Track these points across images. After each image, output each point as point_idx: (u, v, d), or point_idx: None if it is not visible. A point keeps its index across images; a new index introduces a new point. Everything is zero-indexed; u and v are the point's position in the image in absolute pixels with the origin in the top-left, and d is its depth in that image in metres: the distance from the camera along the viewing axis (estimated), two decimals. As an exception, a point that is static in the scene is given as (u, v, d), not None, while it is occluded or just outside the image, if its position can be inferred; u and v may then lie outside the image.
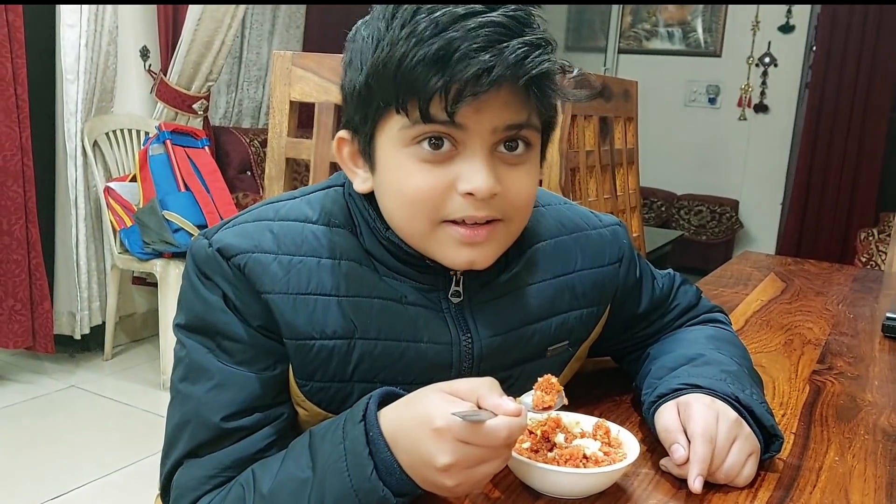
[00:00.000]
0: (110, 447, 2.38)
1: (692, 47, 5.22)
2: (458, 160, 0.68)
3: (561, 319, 0.83)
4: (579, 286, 0.85)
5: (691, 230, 5.08)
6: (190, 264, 0.74)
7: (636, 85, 1.74)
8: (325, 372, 0.73)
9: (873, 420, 0.95)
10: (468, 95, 0.64)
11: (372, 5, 0.70)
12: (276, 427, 0.73)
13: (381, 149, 0.71)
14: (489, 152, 0.68)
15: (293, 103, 1.30)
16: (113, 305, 3.04)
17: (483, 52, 0.63)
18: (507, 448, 0.62)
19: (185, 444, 0.71)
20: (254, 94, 4.01)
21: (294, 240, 0.73)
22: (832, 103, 4.69)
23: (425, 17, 0.64)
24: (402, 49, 0.64)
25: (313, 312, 0.71)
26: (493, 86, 0.64)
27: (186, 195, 2.92)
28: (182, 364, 0.73)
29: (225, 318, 0.71)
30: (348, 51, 0.72)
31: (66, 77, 2.83)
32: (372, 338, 0.73)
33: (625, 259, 0.89)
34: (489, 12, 0.64)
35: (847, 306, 1.53)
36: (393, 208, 0.72)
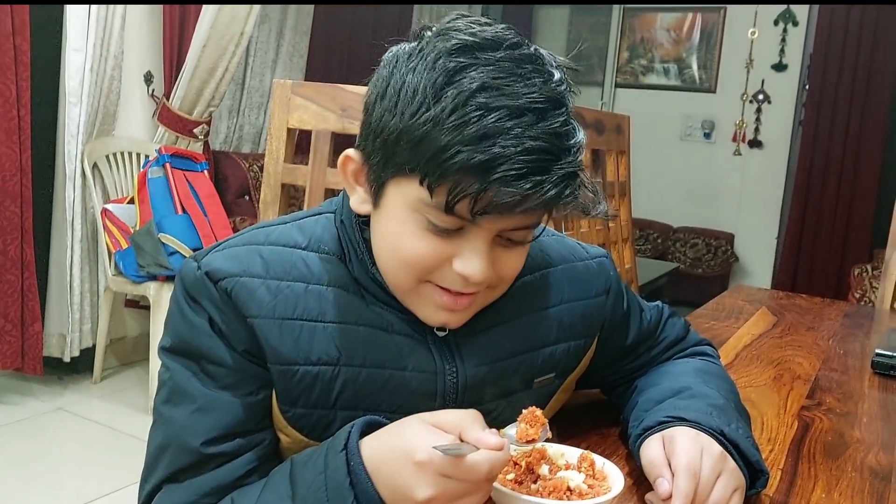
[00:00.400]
0: (96, 471, 2.35)
1: (687, 83, 5.29)
2: (461, 239, 0.68)
3: (548, 352, 0.84)
4: (566, 318, 0.85)
5: (687, 263, 5.09)
6: (178, 287, 0.74)
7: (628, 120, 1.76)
8: (308, 398, 0.72)
9: (861, 457, 0.94)
10: (496, 213, 0.65)
11: (423, 31, 0.69)
12: (258, 453, 0.72)
13: (391, 196, 0.70)
14: (492, 241, 0.69)
15: (291, 130, 1.31)
16: (104, 328, 3.02)
17: (521, 181, 0.63)
18: (489, 482, 0.61)
19: (165, 469, 0.71)
20: (255, 120, 4.04)
21: (283, 265, 0.73)
22: (826, 140, 4.74)
23: (476, 114, 0.62)
24: (444, 139, 0.63)
25: (299, 338, 0.71)
26: (523, 213, 0.65)
27: (183, 218, 2.92)
28: (165, 387, 0.73)
29: (210, 342, 0.71)
30: (384, 77, 0.69)
31: (70, 100, 2.85)
32: (357, 365, 0.73)
33: (612, 291, 0.89)
34: (536, 124, 0.63)
35: (838, 342, 1.53)
36: (383, 256, 0.73)
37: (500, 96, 0.63)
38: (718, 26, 5.14)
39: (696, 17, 5.22)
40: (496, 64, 0.64)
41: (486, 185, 0.63)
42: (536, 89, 0.64)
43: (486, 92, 0.63)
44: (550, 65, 0.68)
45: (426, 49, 0.67)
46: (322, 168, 1.30)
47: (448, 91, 0.63)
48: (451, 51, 0.65)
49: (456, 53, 0.65)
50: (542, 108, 0.64)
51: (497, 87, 0.63)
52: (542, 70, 0.66)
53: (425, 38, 0.68)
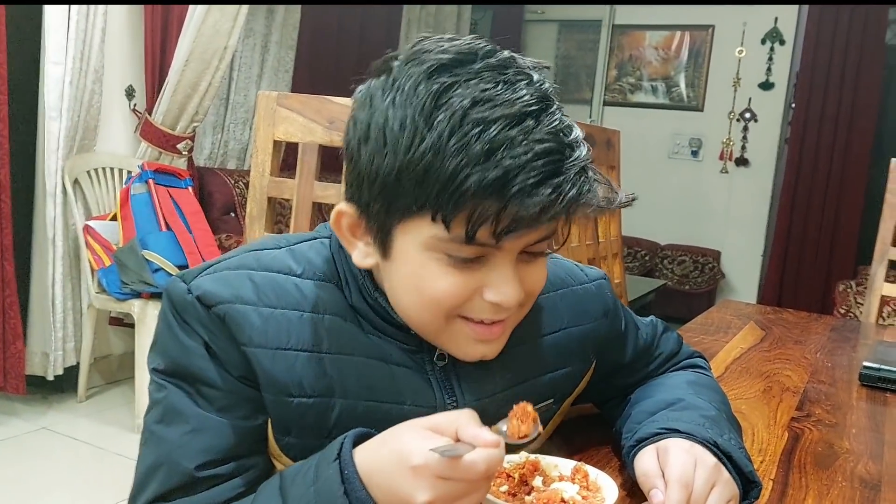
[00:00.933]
0: (82, 491, 2.31)
1: (675, 101, 5.34)
2: (486, 267, 0.66)
3: (548, 379, 0.83)
4: (565, 344, 0.84)
5: (674, 280, 5.11)
6: (167, 307, 0.71)
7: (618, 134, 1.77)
8: (302, 428, 0.70)
9: (851, 467, 0.94)
10: (522, 228, 0.62)
11: (389, 61, 0.66)
12: (249, 478, 0.70)
13: (401, 241, 0.66)
14: (517, 260, 0.67)
15: (277, 143, 1.30)
16: (88, 346, 2.98)
17: (541, 188, 0.60)
18: (487, 480, 0.61)
19: (155, 489, 0.69)
20: (240, 136, 4.03)
21: (276, 291, 0.71)
22: (811, 158, 4.79)
23: (476, 130, 0.60)
24: (450, 165, 0.60)
25: (293, 368, 0.69)
26: (548, 222, 0.64)
27: (168, 235, 2.90)
28: (159, 406, 0.71)
29: (205, 365, 0.69)
30: (362, 119, 0.66)
31: (49, 114, 2.81)
32: (353, 398, 0.72)
33: (610, 313, 0.89)
34: (536, 127, 0.62)
35: (825, 355, 1.53)
36: (406, 303, 0.70)
37: (495, 107, 0.61)
38: (706, 45, 5.19)
39: (684, 36, 5.27)
40: (479, 76, 0.62)
41: (506, 202, 0.60)
42: (526, 92, 0.63)
43: (480, 106, 0.61)
44: (526, 67, 0.67)
45: (400, 79, 0.64)
46: (309, 181, 1.29)
47: (439, 115, 0.61)
48: (430, 73, 0.63)
49: (435, 74, 0.62)
50: (537, 109, 0.63)
51: (488, 98, 0.61)
52: (523, 73, 0.65)
53: (394, 68, 0.65)
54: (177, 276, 0.72)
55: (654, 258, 5.26)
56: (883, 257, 2.08)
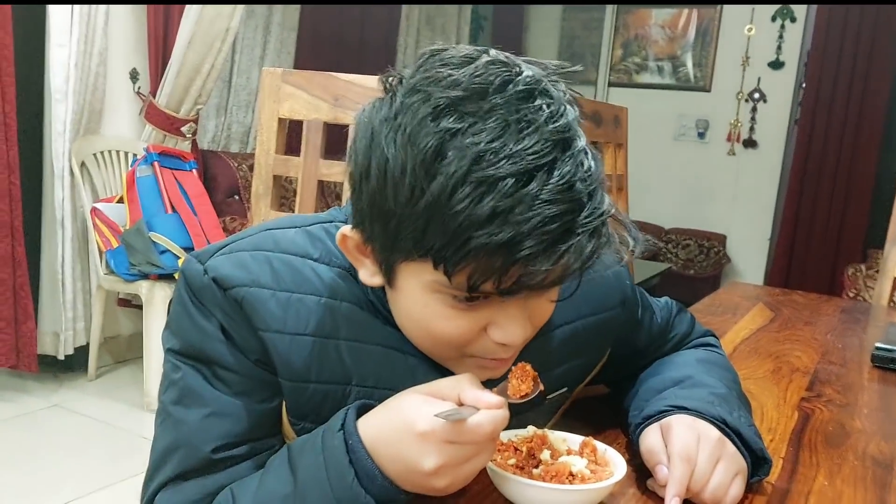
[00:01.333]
0: (93, 467, 2.34)
1: (682, 82, 5.28)
2: (492, 306, 0.63)
3: (563, 369, 0.82)
4: (582, 334, 0.83)
5: (679, 264, 5.09)
6: (183, 287, 0.70)
7: (626, 112, 1.75)
8: (318, 414, 0.70)
9: (862, 446, 0.93)
10: (525, 290, 0.60)
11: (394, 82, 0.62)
12: (265, 459, 0.70)
13: (405, 278, 0.64)
14: (524, 299, 0.64)
15: (282, 120, 1.29)
16: (98, 326, 3.00)
17: (549, 253, 0.57)
18: (493, 442, 0.61)
19: (173, 469, 0.69)
20: (243, 119, 4.01)
21: (294, 276, 0.70)
22: (821, 140, 4.73)
23: (478, 191, 0.55)
24: (450, 224, 0.56)
25: (310, 354, 0.69)
26: (553, 286, 0.61)
27: (173, 217, 2.91)
28: (176, 387, 0.70)
29: (221, 349, 0.69)
30: (362, 152, 0.62)
31: (55, 97, 2.82)
32: (369, 385, 0.71)
33: (627, 301, 0.87)
34: (548, 182, 0.56)
35: (836, 336, 1.52)
36: (412, 333, 0.69)
37: (502, 162, 0.55)
38: (714, 23, 5.12)
39: (691, 14, 5.20)
40: (488, 119, 0.57)
41: (511, 264, 0.57)
42: (540, 137, 0.57)
43: (485, 161, 0.55)
44: (547, 86, 0.60)
45: (403, 115, 0.59)
46: (314, 159, 1.28)
47: (440, 168, 0.56)
48: (435, 115, 0.57)
49: (438, 117, 0.57)
50: (551, 159, 0.57)
51: (495, 150, 0.56)
52: (541, 103, 0.58)
53: (398, 95, 0.61)
54: (192, 256, 0.71)
55: (659, 242, 5.24)
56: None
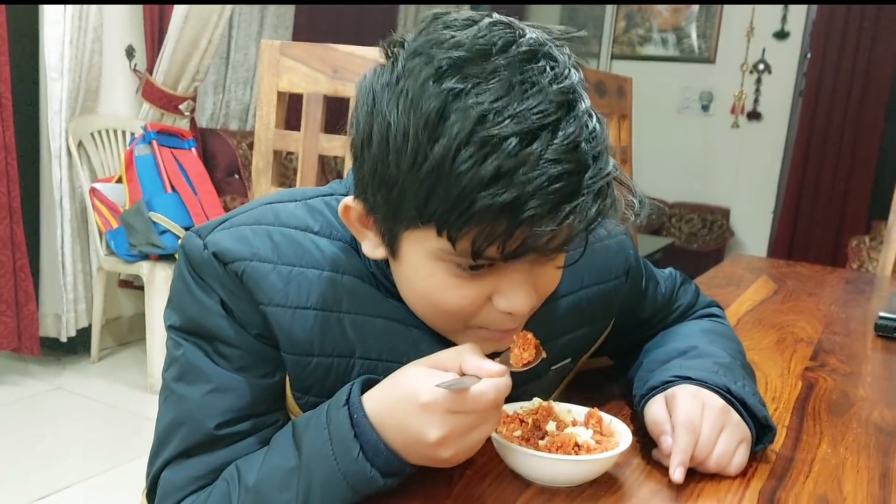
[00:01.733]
0: (96, 449, 2.34)
1: (686, 53, 5.23)
2: (497, 274, 0.62)
3: (567, 339, 0.81)
4: (586, 304, 0.82)
5: (682, 238, 5.08)
6: (183, 263, 0.70)
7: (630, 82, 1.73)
8: (322, 388, 0.70)
9: (866, 414, 0.93)
10: (531, 253, 0.59)
11: (395, 47, 0.61)
12: (269, 434, 0.70)
13: (408, 247, 0.63)
14: (529, 267, 0.63)
15: (281, 94, 1.28)
16: (99, 308, 3.00)
17: (555, 213, 0.56)
18: (497, 410, 0.60)
19: (177, 446, 0.69)
20: (241, 96, 3.98)
21: (295, 250, 0.69)
22: (826, 111, 4.69)
23: (483, 151, 0.54)
24: (454, 187, 0.55)
25: (312, 328, 0.68)
26: (558, 250, 0.60)
27: (173, 197, 2.89)
28: (177, 364, 0.70)
29: (222, 324, 0.68)
30: (364, 119, 0.61)
31: (50, 75, 2.79)
32: (373, 358, 0.71)
33: (631, 271, 0.86)
34: (552, 142, 0.55)
35: (839, 307, 1.51)
36: (416, 304, 0.68)
37: (506, 121, 0.55)
38: (719, -8, 5.05)
39: (696, -17, 5.13)
40: (493, 76, 0.56)
41: (516, 226, 0.56)
42: (544, 98, 0.56)
43: (488, 122, 0.55)
44: (551, 48, 0.59)
45: (405, 79, 0.58)
46: (315, 133, 1.27)
47: (443, 130, 0.55)
48: (438, 76, 0.56)
49: (443, 77, 0.56)
50: (555, 119, 0.56)
51: (499, 110, 0.55)
52: (545, 65, 0.57)
53: (400, 59, 0.59)
54: (192, 231, 0.70)
55: (662, 216, 5.21)
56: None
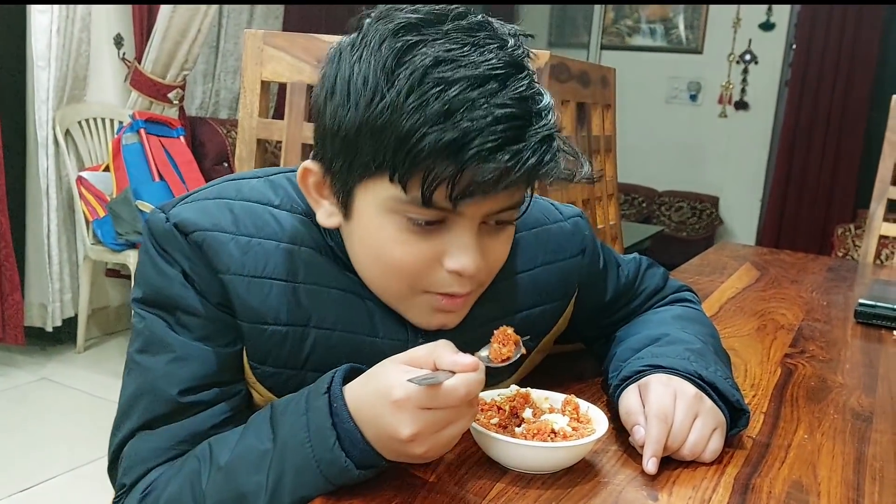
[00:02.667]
0: (82, 439, 2.34)
1: (674, 44, 5.24)
2: (446, 234, 0.65)
3: (523, 316, 0.82)
4: (542, 282, 0.83)
5: (672, 226, 5.10)
6: (147, 237, 0.72)
7: (614, 72, 1.73)
8: (277, 357, 0.71)
9: (843, 400, 0.94)
10: (479, 194, 0.61)
11: (362, 18, 0.66)
12: (233, 404, 0.71)
13: (362, 202, 0.66)
14: (478, 229, 0.66)
15: (265, 83, 1.27)
16: (85, 297, 2.99)
17: (499, 153, 0.59)
18: (471, 406, 0.61)
19: (140, 417, 0.70)
20: (231, 85, 3.96)
21: (254, 221, 0.71)
22: (812, 101, 4.72)
23: (435, 90, 0.59)
24: (407, 123, 0.59)
25: (268, 297, 0.70)
26: (506, 189, 0.62)
27: (161, 185, 2.88)
28: (141, 336, 0.71)
29: (184, 293, 0.69)
30: (330, 75, 0.66)
31: (38, 63, 2.78)
32: (327, 327, 0.72)
33: (587, 251, 0.87)
34: (500, 91, 0.60)
35: (821, 294, 1.53)
36: (366, 267, 0.70)
37: (458, 67, 0.60)
38: (706, -17, 5.07)
39: (684, -24, 5.14)
40: (446, 36, 0.62)
41: (462, 164, 0.59)
42: (494, 56, 0.61)
43: (442, 65, 0.60)
44: (502, 32, 0.65)
45: (369, 35, 0.63)
46: (298, 122, 1.27)
47: (401, 72, 0.60)
48: (396, 31, 0.62)
49: (402, 32, 0.62)
50: (503, 73, 0.61)
51: (452, 58, 0.60)
52: (495, 36, 0.64)
53: (365, 24, 0.65)
54: (156, 208, 0.72)
55: (652, 205, 5.24)
56: (882, 196, 2.07)
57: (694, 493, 0.67)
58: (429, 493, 0.64)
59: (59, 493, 2.08)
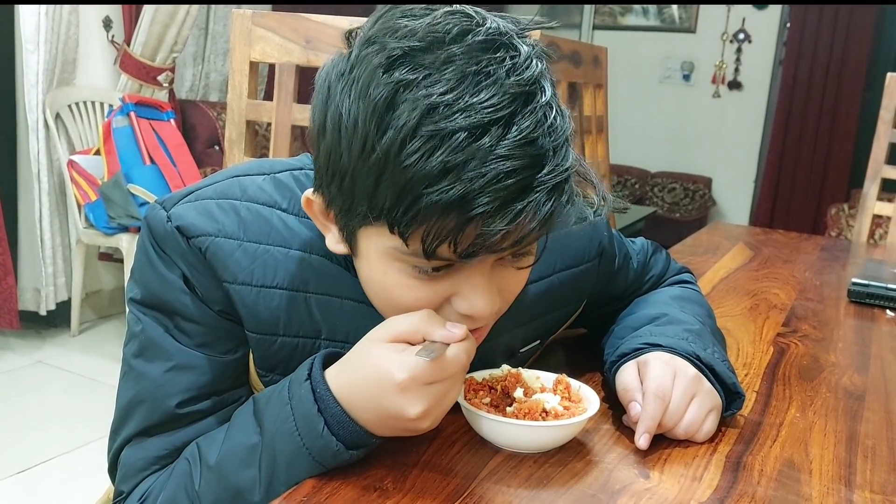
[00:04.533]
0: (77, 422, 2.35)
1: (667, 23, 5.21)
2: (456, 276, 0.60)
3: (537, 324, 0.81)
4: (558, 288, 0.81)
5: (665, 208, 5.10)
6: (146, 235, 0.68)
7: (606, 51, 1.72)
8: (287, 367, 0.68)
9: (835, 379, 0.94)
10: (484, 253, 0.56)
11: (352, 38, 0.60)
12: (231, 412, 0.69)
13: (365, 244, 0.61)
14: (491, 269, 0.61)
15: (253, 64, 1.26)
16: (79, 281, 2.98)
17: (505, 211, 0.53)
18: (464, 371, 0.61)
19: (137, 424, 0.69)
20: (221, 68, 3.93)
21: (262, 227, 0.67)
22: (806, 80, 4.71)
23: (428, 146, 0.52)
24: (400, 180, 0.53)
25: (277, 307, 0.67)
26: (516, 246, 0.57)
27: (152, 168, 2.87)
28: (137, 339, 0.69)
29: (184, 299, 0.67)
30: (320, 108, 0.60)
31: (26, 47, 2.75)
32: (340, 340, 0.69)
33: (605, 254, 0.85)
34: (504, 137, 0.53)
35: (814, 273, 1.53)
36: (377, 302, 0.65)
37: (455, 115, 0.52)
38: (699, -39, 5.03)
39: (675, -47, 5.10)
40: (444, 69, 0.53)
41: (465, 223, 0.54)
42: (498, 90, 0.53)
43: (437, 114, 0.52)
44: (512, 38, 0.56)
45: (358, 67, 0.56)
46: (287, 103, 1.26)
47: (391, 120, 0.53)
48: (388, 65, 0.54)
49: (393, 66, 0.54)
50: (508, 113, 0.53)
51: (448, 103, 0.52)
52: (504, 55, 0.55)
53: (354, 48, 0.58)
54: (156, 202, 0.69)
55: (645, 186, 5.23)
56: (876, 176, 2.06)
57: (686, 472, 0.68)
58: (420, 473, 0.64)
59: (56, 474, 2.08)
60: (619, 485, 0.65)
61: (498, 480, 0.64)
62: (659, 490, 0.64)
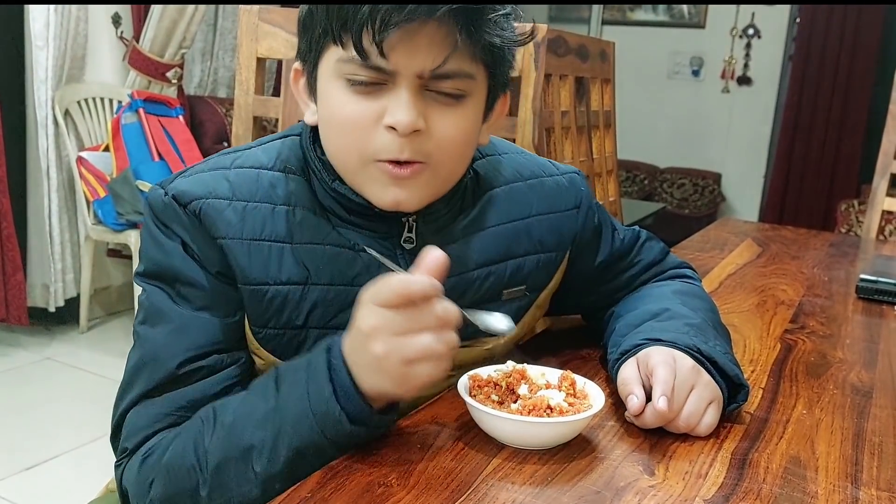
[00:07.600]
0: (86, 418, 2.36)
1: (676, 18, 5.19)
2: (387, 94, 0.69)
3: (517, 263, 0.84)
4: (536, 231, 0.85)
5: (674, 203, 5.08)
6: (147, 213, 0.74)
7: (613, 46, 1.71)
8: (279, 318, 0.74)
9: (843, 376, 0.94)
10: (393, 25, 0.64)
11: None
12: (235, 371, 0.73)
13: (321, 79, 0.72)
14: (417, 90, 0.69)
15: (260, 60, 1.26)
16: (87, 278, 2.99)
17: None
18: (440, 327, 0.61)
19: (142, 386, 0.72)
20: (229, 63, 3.93)
21: (249, 187, 0.74)
22: (815, 76, 4.68)
23: None
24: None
25: (267, 258, 0.72)
26: (416, 13, 0.64)
27: (161, 164, 2.87)
28: (143, 308, 0.74)
29: (184, 265, 0.72)
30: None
31: (36, 43, 2.76)
32: (325, 283, 0.74)
33: (583, 206, 0.89)
34: None
35: (822, 269, 1.52)
36: (327, 140, 0.73)
37: None
38: (708, -43, 5.00)
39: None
40: None
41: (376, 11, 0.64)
42: None
43: None
44: None
45: None
46: (294, 99, 1.26)
47: None
48: None
49: None
50: None
51: None
52: None
53: None
54: (156, 185, 0.75)
55: (654, 182, 5.21)
56: (885, 171, 2.05)
57: (691, 468, 0.67)
58: (425, 469, 0.64)
59: (64, 471, 2.09)
60: (623, 481, 0.64)
61: (502, 477, 0.64)
62: (664, 487, 0.64)
